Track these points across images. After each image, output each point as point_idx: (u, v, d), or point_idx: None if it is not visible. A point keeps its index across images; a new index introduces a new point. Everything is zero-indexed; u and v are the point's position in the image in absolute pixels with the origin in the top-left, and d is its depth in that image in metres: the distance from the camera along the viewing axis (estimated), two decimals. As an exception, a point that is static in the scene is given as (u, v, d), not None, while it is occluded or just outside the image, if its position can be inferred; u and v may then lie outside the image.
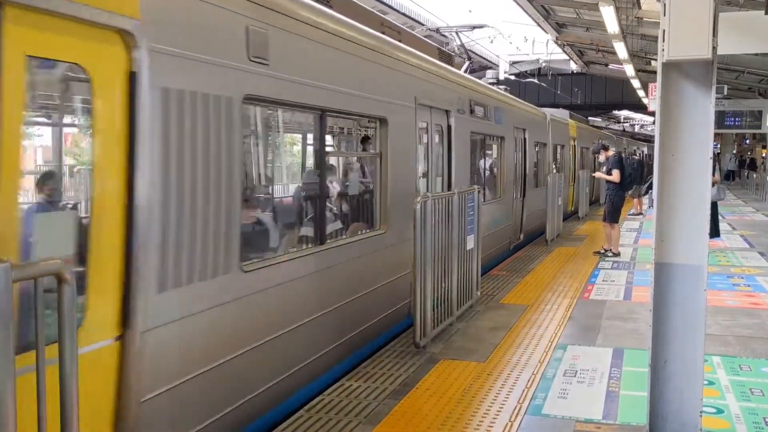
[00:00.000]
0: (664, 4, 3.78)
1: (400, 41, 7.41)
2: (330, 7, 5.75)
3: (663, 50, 3.82)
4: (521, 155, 12.59)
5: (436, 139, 8.03)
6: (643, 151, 37.47)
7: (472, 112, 9.18)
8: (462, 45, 13.70)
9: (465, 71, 11.92)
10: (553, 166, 15.75)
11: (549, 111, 16.50)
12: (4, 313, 1.92)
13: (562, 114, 19.07)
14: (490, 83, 13.77)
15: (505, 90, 14.22)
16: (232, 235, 4.01)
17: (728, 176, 38.57)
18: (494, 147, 11.42)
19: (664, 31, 3.79)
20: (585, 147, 21.60)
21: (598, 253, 11.33)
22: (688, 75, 3.94)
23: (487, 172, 11.00)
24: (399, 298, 6.64)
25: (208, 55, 3.77)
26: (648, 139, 51.15)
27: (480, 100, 9.70)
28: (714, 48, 3.76)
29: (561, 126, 17.51)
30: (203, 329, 3.78)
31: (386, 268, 6.40)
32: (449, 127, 8.20)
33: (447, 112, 8.17)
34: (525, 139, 12.88)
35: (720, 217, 15.11)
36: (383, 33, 7.01)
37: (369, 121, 6.81)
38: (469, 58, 13.47)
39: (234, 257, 4.04)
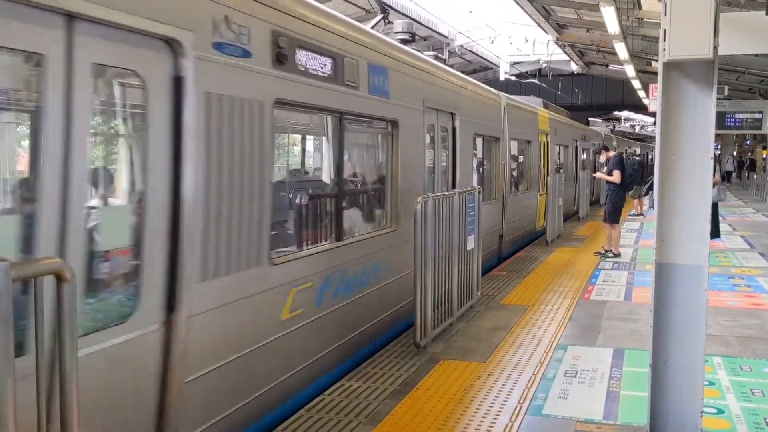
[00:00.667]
0: (665, 4, 3.78)
1: None
2: None
3: (664, 50, 3.81)
4: (447, 155, 8.33)
5: (117, 113, 3.52)
6: (635, 151, 36.95)
7: (281, 60, 4.39)
8: None
9: (374, 28, 7.45)
10: (506, 171, 11.17)
11: (507, 95, 12.14)
12: (3, 312, 1.92)
13: (533, 102, 15.08)
14: (401, 40, 8.58)
15: (437, 57, 9.82)
16: None
17: (725, 177, 38.24)
18: (372, 139, 6.87)
19: (665, 30, 3.79)
20: (564, 145, 17.26)
21: (599, 253, 11.32)
22: (689, 75, 3.94)
23: (348, 184, 6.18)
24: None
25: None
26: (641, 139, 50.77)
27: (318, 42, 4.91)
28: (715, 48, 3.75)
29: (523, 115, 12.92)
30: None
31: None
32: (179, 82, 3.53)
33: (173, 45, 3.47)
34: (454, 128, 8.36)
35: (720, 218, 15.11)
36: None
37: None
38: (384, 12, 8.93)
39: None
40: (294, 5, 4.78)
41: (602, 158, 12.35)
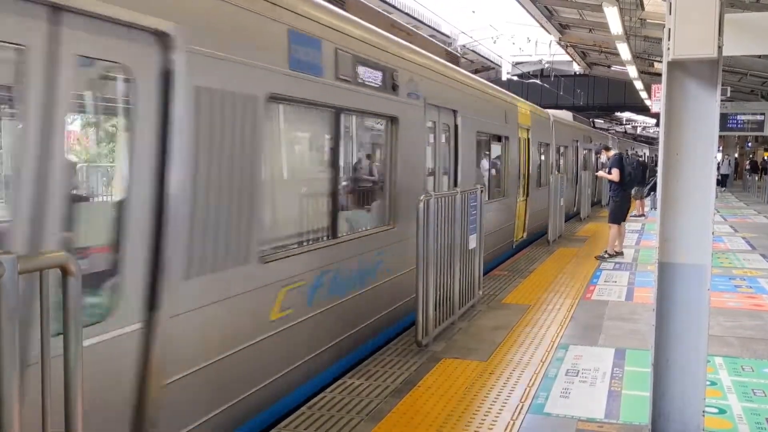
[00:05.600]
0: (670, 3, 3.77)
1: None
2: None
3: (668, 49, 3.81)
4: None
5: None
6: (626, 150, 36.33)
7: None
8: None
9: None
10: None
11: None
12: (10, 304, 1.92)
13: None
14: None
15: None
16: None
17: (721, 181, 36.80)
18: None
19: (669, 30, 3.79)
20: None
21: (610, 255, 11.10)
22: (693, 74, 3.94)
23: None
24: None
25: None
26: (635, 138, 50.09)
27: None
28: (719, 47, 3.75)
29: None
30: None
31: None
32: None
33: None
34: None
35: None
36: None
37: None
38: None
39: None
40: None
41: (603, 157, 12.35)
